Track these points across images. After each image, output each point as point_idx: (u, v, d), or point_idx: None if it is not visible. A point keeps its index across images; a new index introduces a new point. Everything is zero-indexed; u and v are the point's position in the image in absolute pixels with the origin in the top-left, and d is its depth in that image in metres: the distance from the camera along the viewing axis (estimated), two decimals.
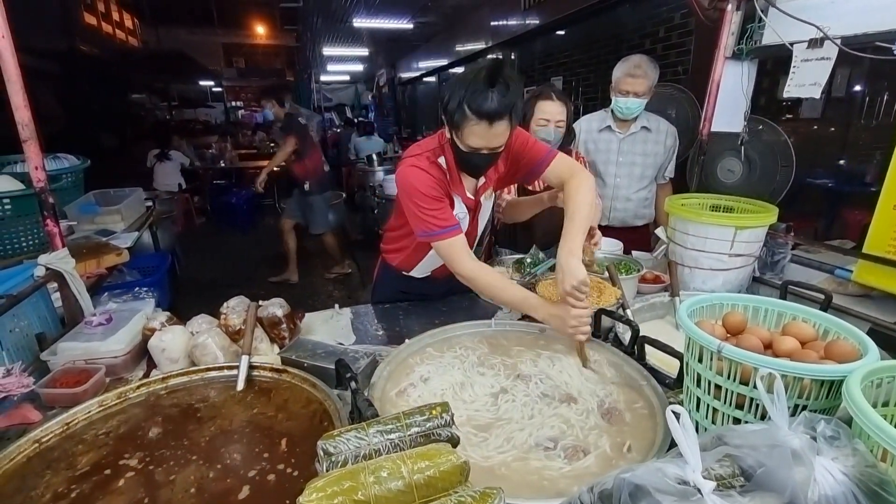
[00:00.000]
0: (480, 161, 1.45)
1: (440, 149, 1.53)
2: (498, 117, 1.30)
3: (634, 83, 2.28)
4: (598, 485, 0.68)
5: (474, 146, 1.38)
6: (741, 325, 1.05)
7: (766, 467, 0.61)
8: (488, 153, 1.41)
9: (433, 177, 1.49)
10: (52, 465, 1.00)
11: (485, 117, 1.30)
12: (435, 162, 1.52)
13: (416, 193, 1.47)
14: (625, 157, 2.49)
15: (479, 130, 1.33)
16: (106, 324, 1.45)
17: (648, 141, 2.48)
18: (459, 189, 1.57)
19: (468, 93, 1.30)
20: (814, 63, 1.66)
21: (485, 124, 1.31)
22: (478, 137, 1.35)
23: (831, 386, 0.81)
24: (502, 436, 1.04)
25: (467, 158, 1.44)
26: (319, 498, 0.49)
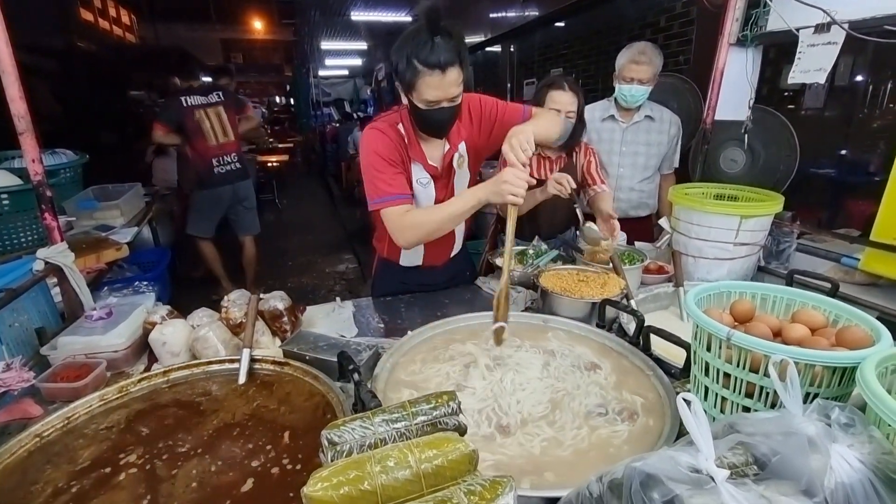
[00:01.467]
0: (441, 116, 1.43)
1: (397, 115, 1.56)
2: (449, 64, 1.31)
3: (639, 70, 2.23)
4: (607, 474, 0.66)
5: (432, 99, 1.37)
6: (749, 314, 1.04)
7: (782, 455, 0.60)
8: (448, 106, 1.40)
9: (389, 139, 1.51)
10: (52, 460, 0.99)
11: (436, 66, 1.30)
12: (394, 126, 1.54)
13: (370, 154, 1.49)
14: (628, 146, 2.46)
15: (432, 81, 1.33)
16: (106, 318, 1.44)
17: (652, 130, 2.44)
18: (419, 155, 1.58)
19: (413, 47, 1.31)
20: (820, 48, 1.63)
21: (437, 74, 1.31)
22: (433, 89, 1.35)
23: (843, 373, 0.80)
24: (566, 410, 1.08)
25: (428, 116, 1.43)
26: (325, 488, 0.48)
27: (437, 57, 1.29)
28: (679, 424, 0.97)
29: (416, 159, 1.58)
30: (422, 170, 1.59)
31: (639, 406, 1.09)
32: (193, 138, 3.66)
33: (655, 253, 1.97)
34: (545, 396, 1.13)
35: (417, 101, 1.40)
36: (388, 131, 1.53)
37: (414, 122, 1.52)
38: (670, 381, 1.15)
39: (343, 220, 7.50)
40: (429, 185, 1.62)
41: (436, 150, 1.62)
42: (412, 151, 1.56)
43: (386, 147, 1.50)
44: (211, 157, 3.73)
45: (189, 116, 3.60)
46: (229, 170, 3.83)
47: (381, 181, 1.48)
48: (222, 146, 3.75)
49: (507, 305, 1.30)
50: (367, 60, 14.21)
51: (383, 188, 1.48)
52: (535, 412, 1.08)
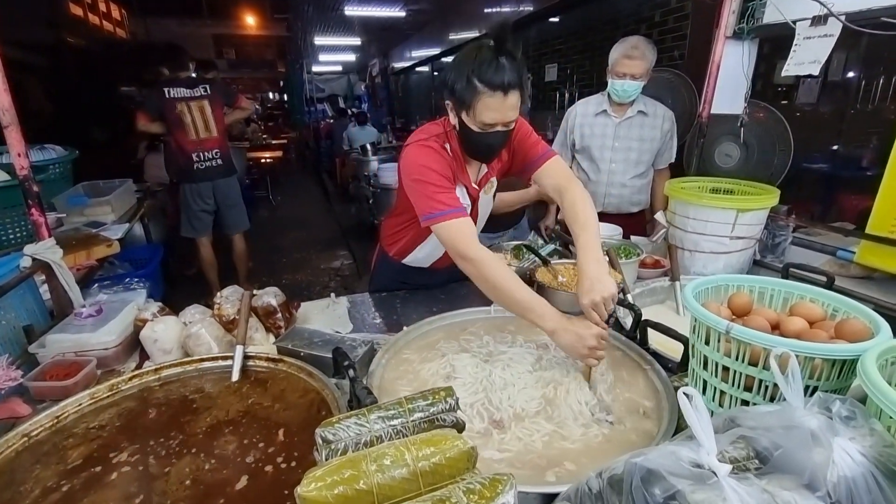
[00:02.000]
0: (494, 140, 1.36)
1: (445, 135, 1.45)
2: (511, 87, 1.23)
3: (632, 65, 2.20)
4: (607, 470, 0.65)
5: (489, 122, 1.29)
6: (747, 307, 1.03)
7: (784, 449, 0.59)
8: (503, 129, 1.33)
9: (443, 157, 1.42)
10: (41, 460, 0.97)
11: (499, 88, 1.22)
12: (443, 146, 1.44)
13: (424, 170, 1.37)
14: (620, 142, 2.43)
15: (493, 103, 1.25)
16: (96, 315, 1.41)
17: (645, 125, 2.41)
18: (465, 178, 1.50)
19: (476, 66, 1.22)
20: (816, 40, 1.63)
21: (499, 95, 1.24)
22: (493, 111, 1.27)
23: (843, 366, 0.79)
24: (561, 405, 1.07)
25: (479, 139, 1.34)
26: (319, 488, 0.46)
27: (500, 78, 1.21)
28: (677, 419, 0.97)
29: (463, 182, 1.50)
30: (465, 194, 1.52)
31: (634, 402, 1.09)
32: (174, 130, 3.59)
33: (652, 247, 1.97)
34: (537, 392, 1.12)
35: (471, 123, 1.31)
36: (439, 150, 1.43)
37: (461, 144, 1.43)
38: (668, 375, 1.14)
39: (337, 216, 7.46)
40: (467, 209, 1.52)
41: (475, 173, 1.56)
42: (459, 175, 1.47)
43: (439, 164, 1.39)
44: (190, 151, 3.64)
45: (170, 108, 3.52)
46: (209, 166, 3.74)
47: (437, 196, 1.34)
48: (202, 141, 3.67)
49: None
50: (361, 56, 14.11)
51: (443, 203, 1.33)
52: (528, 407, 1.07)
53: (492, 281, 1.24)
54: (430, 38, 9.41)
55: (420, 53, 10.42)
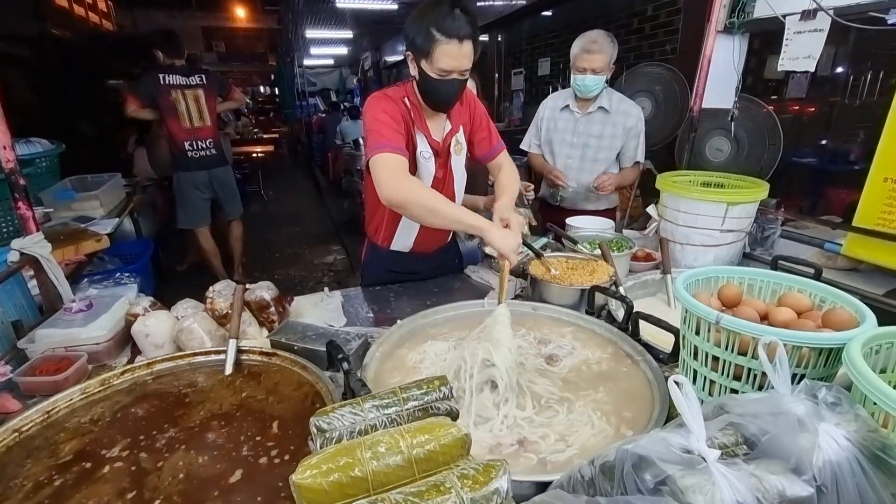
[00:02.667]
0: (451, 87, 1.47)
1: (402, 89, 1.58)
2: (466, 37, 1.37)
3: (591, 59, 2.17)
4: (599, 457, 0.66)
5: (446, 68, 1.41)
6: (737, 298, 1.05)
7: (771, 434, 0.60)
8: (459, 78, 1.45)
9: (396, 105, 1.53)
10: (32, 455, 0.96)
11: (454, 36, 1.36)
12: (400, 98, 1.56)
13: (374, 111, 1.49)
14: (579, 137, 2.39)
15: (449, 50, 1.38)
16: (86, 310, 1.40)
17: (606, 122, 2.35)
18: (423, 127, 1.59)
19: (433, 17, 1.36)
20: (807, 35, 1.64)
21: (455, 43, 1.37)
22: (449, 58, 1.39)
23: (829, 354, 0.81)
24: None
25: (437, 87, 1.46)
26: (314, 475, 0.46)
27: (457, 28, 1.35)
28: (668, 408, 0.98)
29: (421, 131, 1.59)
30: (425, 143, 1.61)
31: None
32: (167, 118, 3.53)
33: (643, 240, 1.98)
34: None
35: (430, 70, 1.43)
36: (394, 98, 1.55)
37: (420, 95, 1.55)
38: (659, 366, 1.16)
39: (330, 211, 7.42)
40: (430, 160, 1.63)
41: (438, 128, 1.65)
42: (418, 123, 1.58)
43: (392, 110, 1.51)
44: (183, 140, 3.61)
45: (165, 95, 3.47)
46: (204, 155, 3.72)
47: (383, 133, 1.44)
48: (196, 130, 3.65)
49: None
50: (353, 49, 14.00)
51: (384, 139, 1.43)
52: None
53: (428, 205, 1.36)
54: None
55: None
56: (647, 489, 0.58)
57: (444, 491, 0.44)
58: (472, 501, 0.44)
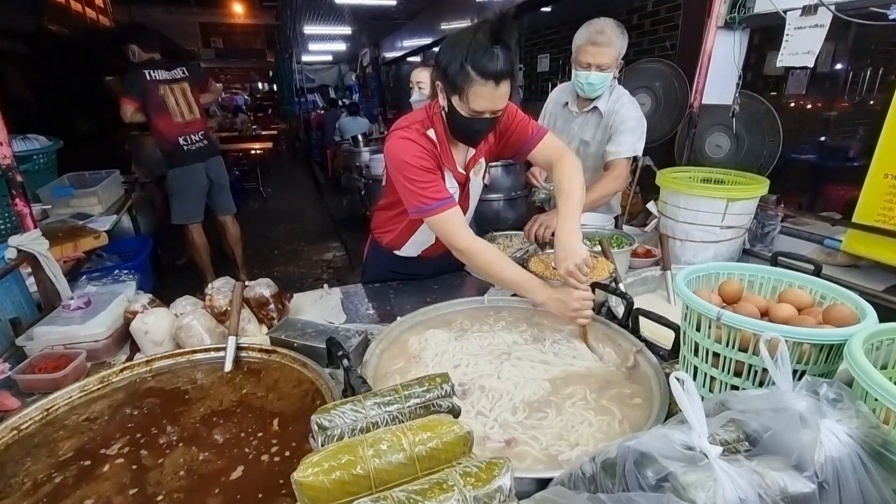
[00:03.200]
0: (482, 126, 1.38)
1: (429, 120, 1.46)
2: (504, 76, 1.24)
3: (597, 53, 1.87)
4: (600, 454, 0.66)
5: (478, 109, 1.30)
6: (737, 294, 1.05)
7: (773, 431, 0.60)
8: (490, 116, 1.34)
9: (424, 148, 1.42)
10: (32, 453, 0.96)
11: (491, 77, 1.23)
12: (424, 134, 1.45)
13: (406, 167, 1.39)
14: (571, 139, 2.17)
15: (484, 92, 1.26)
16: (85, 307, 1.39)
17: (598, 126, 2.09)
18: (450, 162, 1.52)
19: (470, 53, 1.22)
20: (807, 30, 1.63)
21: (491, 85, 1.24)
22: (483, 100, 1.28)
23: (830, 350, 0.81)
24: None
25: (467, 124, 1.37)
26: (316, 473, 0.46)
27: (494, 67, 1.22)
28: (668, 405, 0.98)
29: (448, 167, 1.51)
30: (452, 178, 1.53)
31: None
32: (157, 115, 3.45)
33: (643, 237, 1.98)
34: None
35: (461, 108, 1.32)
36: (420, 140, 1.43)
37: (448, 127, 1.45)
38: (659, 362, 1.16)
39: (329, 208, 7.40)
40: (455, 193, 1.55)
41: (461, 156, 1.56)
42: (444, 159, 1.49)
43: (421, 158, 1.41)
44: (177, 135, 3.54)
45: (153, 91, 3.40)
46: (199, 147, 3.69)
47: (422, 190, 1.38)
48: (189, 124, 3.60)
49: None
50: (351, 46, 13.93)
51: (429, 197, 1.38)
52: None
53: (485, 266, 1.40)
54: (422, 28, 9.32)
55: (411, 43, 10.31)
56: (648, 486, 0.58)
57: (447, 489, 0.44)
58: (475, 499, 0.44)
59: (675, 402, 0.94)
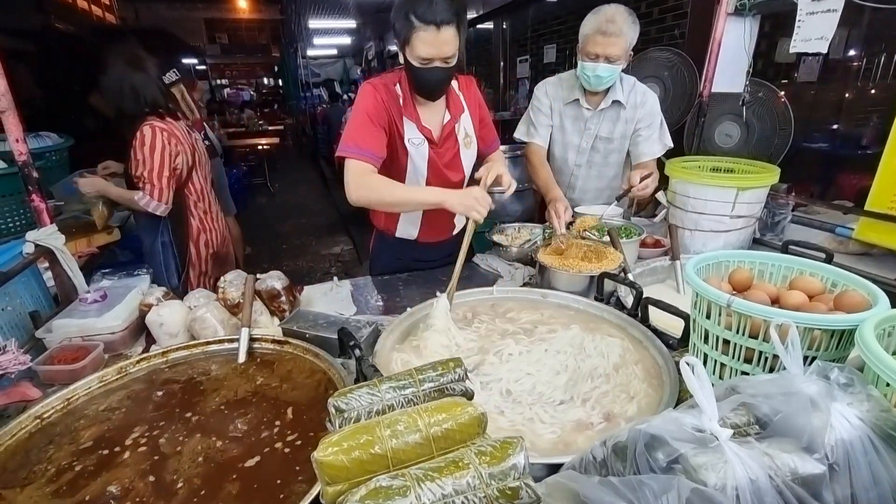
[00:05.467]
0: (433, 76, 1.45)
1: (397, 75, 1.57)
2: (444, 22, 1.33)
3: (607, 44, 1.75)
4: (611, 438, 0.67)
5: (425, 56, 1.38)
6: (748, 282, 1.04)
7: (783, 414, 0.61)
8: (441, 66, 1.42)
9: (379, 98, 1.53)
10: (55, 441, 0.99)
11: (431, 22, 1.32)
12: (390, 87, 1.56)
13: (356, 111, 1.53)
14: (588, 140, 2.03)
15: (427, 37, 1.35)
16: (101, 300, 1.42)
17: (619, 120, 1.98)
18: (413, 115, 1.59)
19: (412, 3, 1.33)
20: (819, 16, 1.61)
21: (432, 30, 1.33)
22: (427, 45, 1.36)
23: (841, 336, 0.81)
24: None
25: (420, 75, 1.45)
26: (335, 452, 0.48)
27: (433, 13, 1.31)
28: (678, 392, 0.99)
29: (410, 118, 1.58)
30: (415, 130, 1.60)
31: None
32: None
33: (652, 227, 1.98)
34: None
35: (412, 58, 1.42)
36: (381, 89, 1.54)
37: (409, 82, 1.54)
38: (668, 351, 1.16)
39: (336, 202, 7.43)
40: (422, 146, 1.62)
41: (433, 116, 1.64)
42: (406, 110, 1.57)
43: (374, 105, 1.52)
44: None
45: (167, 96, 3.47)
46: (206, 146, 3.75)
47: (356, 134, 1.50)
48: (192, 125, 3.66)
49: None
50: (356, 39, 13.90)
51: (355, 141, 1.50)
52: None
53: (388, 200, 1.52)
54: None
55: None
56: (659, 468, 0.58)
57: (463, 467, 0.45)
58: (491, 476, 0.46)
59: (685, 390, 0.95)
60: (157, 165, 2.06)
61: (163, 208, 2.08)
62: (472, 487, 0.44)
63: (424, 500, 0.42)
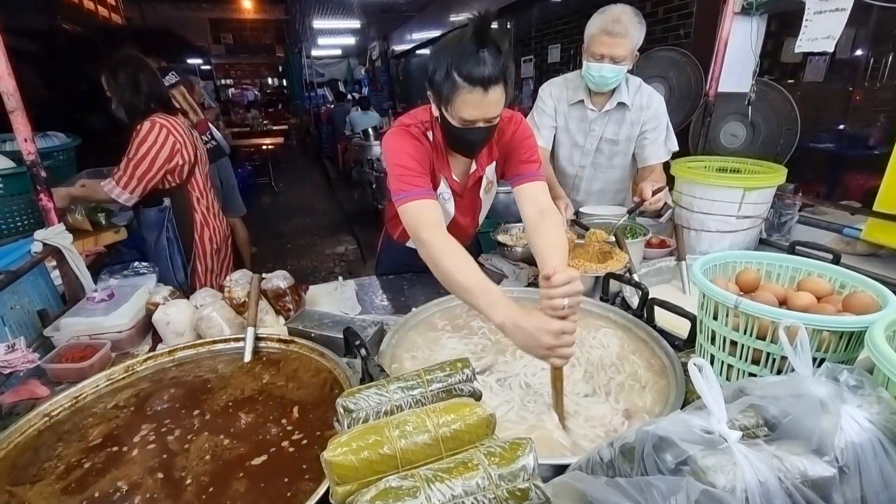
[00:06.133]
0: (475, 136, 1.29)
1: (430, 123, 1.40)
2: (493, 82, 1.15)
3: (612, 44, 1.74)
4: (618, 439, 0.67)
5: (468, 118, 1.22)
6: (755, 283, 1.04)
7: (793, 416, 0.60)
8: (484, 126, 1.25)
9: (421, 144, 1.38)
10: (63, 438, 0.99)
11: (478, 83, 1.14)
12: (424, 133, 1.40)
13: (397, 153, 1.34)
14: (592, 141, 2.02)
15: (472, 100, 1.17)
16: (108, 299, 1.43)
17: (624, 122, 1.96)
18: (445, 170, 1.47)
19: (456, 58, 1.14)
20: (827, 15, 1.60)
21: (479, 92, 1.15)
22: (472, 108, 1.19)
23: (850, 338, 0.80)
24: None
25: (460, 135, 1.29)
26: (344, 452, 0.48)
27: (481, 73, 1.13)
28: (684, 393, 0.98)
29: (442, 172, 1.47)
30: (446, 185, 1.49)
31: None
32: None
33: (657, 227, 1.97)
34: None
35: (452, 119, 1.25)
36: (417, 136, 1.39)
37: (443, 138, 1.39)
38: (674, 351, 1.15)
39: (340, 201, 7.45)
40: (449, 202, 1.54)
41: (461, 167, 1.52)
42: (438, 164, 1.44)
43: (415, 150, 1.36)
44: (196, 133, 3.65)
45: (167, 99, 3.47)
46: (209, 148, 3.69)
47: (405, 176, 1.31)
48: (197, 126, 3.63)
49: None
50: (360, 39, 13.93)
51: (409, 184, 1.30)
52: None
53: (441, 265, 1.16)
54: (431, 20, 9.26)
55: (421, 36, 10.27)
56: (667, 469, 0.58)
57: (472, 467, 0.45)
58: (500, 477, 0.46)
59: (690, 391, 0.95)
60: (138, 157, 2.07)
61: (126, 197, 2.08)
62: (482, 488, 0.44)
63: (434, 500, 0.42)
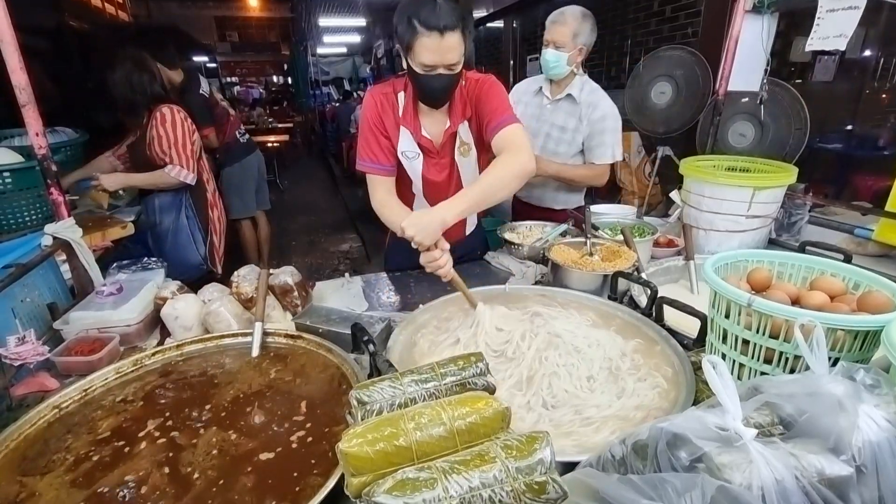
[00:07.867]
0: (437, 83, 1.40)
1: (402, 81, 1.54)
2: (448, 28, 1.27)
3: (553, 31, 1.96)
4: (630, 436, 0.66)
5: (428, 63, 1.33)
6: (767, 282, 1.03)
7: (809, 414, 0.60)
8: (445, 73, 1.36)
9: (377, 104, 1.54)
10: (73, 430, 1.00)
11: (434, 28, 1.27)
12: (390, 94, 1.55)
13: (362, 121, 1.56)
14: (542, 125, 2.16)
15: (430, 44, 1.30)
16: (117, 293, 1.44)
17: (572, 114, 2.09)
18: (413, 123, 1.55)
19: (414, 7, 1.28)
20: (840, 13, 1.58)
21: (435, 36, 1.28)
22: (430, 52, 1.31)
23: (865, 337, 0.79)
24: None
25: (423, 82, 1.40)
26: (360, 444, 0.48)
27: (437, 19, 1.26)
28: (694, 392, 0.98)
29: (408, 127, 1.54)
30: (410, 141, 1.56)
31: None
32: (222, 122, 3.63)
33: (666, 226, 1.96)
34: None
35: (414, 65, 1.37)
36: (379, 96, 1.55)
37: (413, 90, 1.50)
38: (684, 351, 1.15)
39: (345, 199, 7.46)
40: (415, 161, 1.59)
41: (435, 125, 1.57)
42: (405, 119, 1.53)
43: (374, 115, 1.53)
44: (234, 131, 3.75)
45: (214, 104, 3.56)
46: (248, 140, 3.88)
47: (367, 147, 1.54)
48: (237, 119, 3.85)
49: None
50: (365, 37, 13.92)
51: (368, 154, 1.54)
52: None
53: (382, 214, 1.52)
54: None
55: None
56: (682, 467, 0.58)
57: (489, 460, 0.45)
58: (518, 470, 0.45)
59: (700, 390, 0.94)
60: (179, 138, 2.19)
61: (191, 177, 2.23)
62: (500, 481, 0.44)
63: (452, 492, 0.42)
